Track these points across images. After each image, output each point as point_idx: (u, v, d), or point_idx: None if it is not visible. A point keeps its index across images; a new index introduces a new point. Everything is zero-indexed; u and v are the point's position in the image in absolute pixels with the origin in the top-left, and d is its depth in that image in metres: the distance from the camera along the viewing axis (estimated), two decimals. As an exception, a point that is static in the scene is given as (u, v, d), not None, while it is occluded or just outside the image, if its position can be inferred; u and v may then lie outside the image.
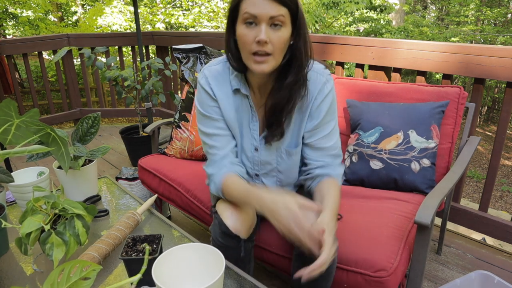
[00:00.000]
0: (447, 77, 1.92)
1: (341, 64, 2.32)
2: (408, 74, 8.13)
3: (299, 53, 1.02)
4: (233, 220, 1.08)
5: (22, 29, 8.80)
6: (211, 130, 1.13)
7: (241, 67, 1.06)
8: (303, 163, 1.21)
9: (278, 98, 1.05)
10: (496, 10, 10.32)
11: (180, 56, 2.04)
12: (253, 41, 0.95)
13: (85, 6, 9.87)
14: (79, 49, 3.54)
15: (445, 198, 1.44)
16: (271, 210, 0.93)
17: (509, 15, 10.80)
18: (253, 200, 0.99)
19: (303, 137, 1.15)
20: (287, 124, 1.11)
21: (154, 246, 0.91)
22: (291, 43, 1.01)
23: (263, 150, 1.17)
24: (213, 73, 1.12)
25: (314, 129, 1.12)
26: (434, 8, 13.72)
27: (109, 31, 7.82)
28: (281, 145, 1.16)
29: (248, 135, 1.16)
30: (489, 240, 2.21)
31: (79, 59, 5.35)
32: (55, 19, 9.82)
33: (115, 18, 7.76)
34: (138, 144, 2.78)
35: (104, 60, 2.69)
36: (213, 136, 1.13)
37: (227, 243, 1.06)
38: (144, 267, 0.85)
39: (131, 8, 7.65)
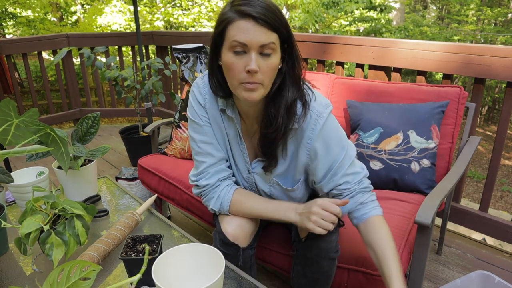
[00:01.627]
0: (447, 77, 1.91)
1: (341, 64, 2.32)
2: (408, 74, 8.12)
3: (291, 78, 0.96)
4: (233, 226, 1.07)
5: (21, 29, 8.79)
6: (200, 136, 1.08)
7: (227, 93, 1.00)
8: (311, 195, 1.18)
9: (269, 128, 0.99)
10: (496, 10, 10.32)
11: (180, 56, 2.04)
12: (242, 70, 0.89)
13: (84, 6, 9.86)
14: (79, 49, 3.54)
15: (445, 198, 1.44)
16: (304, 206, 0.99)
17: (509, 15, 10.80)
18: (282, 206, 1.04)
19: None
20: (281, 153, 1.04)
21: (154, 246, 0.91)
22: (280, 67, 0.95)
23: (255, 174, 1.13)
24: (207, 84, 1.05)
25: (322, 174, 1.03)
26: (435, 8, 13.71)
27: (109, 31, 7.82)
28: (271, 174, 1.10)
29: (240, 155, 1.11)
30: (490, 240, 2.21)
31: (78, 59, 5.35)
32: (55, 19, 9.81)
33: (115, 18, 7.76)
34: (138, 144, 2.78)
35: (103, 60, 2.69)
36: (201, 143, 1.08)
37: (226, 251, 1.05)
38: (144, 267, 0.85)
39: (131, 7, 7.65)
